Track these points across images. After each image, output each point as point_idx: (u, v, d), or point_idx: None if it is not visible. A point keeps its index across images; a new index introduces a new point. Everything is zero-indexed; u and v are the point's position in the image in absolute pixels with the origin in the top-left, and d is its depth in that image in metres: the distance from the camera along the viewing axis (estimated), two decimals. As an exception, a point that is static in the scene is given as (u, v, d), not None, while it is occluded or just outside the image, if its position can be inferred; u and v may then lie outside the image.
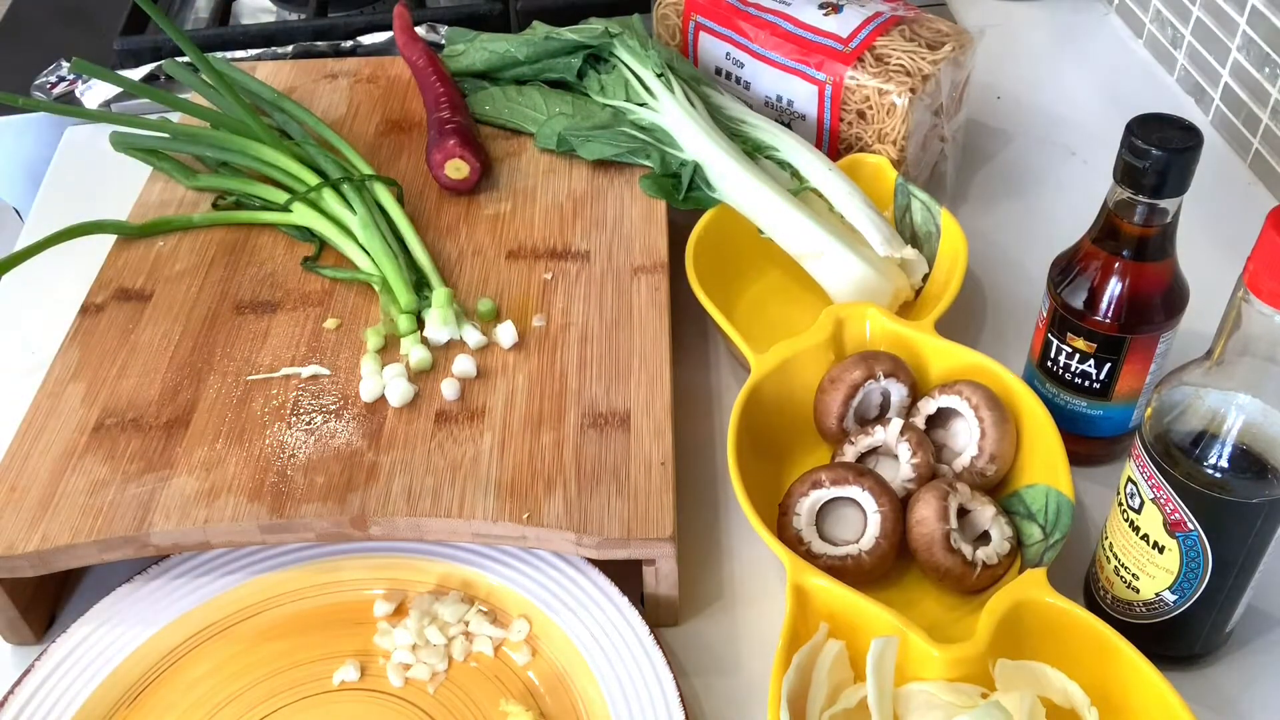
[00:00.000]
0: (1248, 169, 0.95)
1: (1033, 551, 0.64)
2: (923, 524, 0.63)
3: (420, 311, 0.73)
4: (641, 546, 0.61)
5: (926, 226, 0.81)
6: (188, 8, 1.22)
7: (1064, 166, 0.97)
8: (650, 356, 0.71)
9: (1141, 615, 0.61)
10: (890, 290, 0.77)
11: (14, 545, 0.61)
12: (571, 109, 0.86)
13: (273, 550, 0.67)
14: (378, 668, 0.63)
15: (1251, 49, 0.92)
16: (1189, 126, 0.60)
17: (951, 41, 0.86)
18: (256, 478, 0.65)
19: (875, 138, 0.86)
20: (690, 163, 0.81)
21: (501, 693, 0.62)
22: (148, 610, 0.65)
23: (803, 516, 0.65)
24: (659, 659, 0.61)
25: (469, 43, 0.92)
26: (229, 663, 0.64)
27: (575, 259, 0.78)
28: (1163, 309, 0.65)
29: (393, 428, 0.67)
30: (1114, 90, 1.05)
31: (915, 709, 0.56)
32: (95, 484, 0.64)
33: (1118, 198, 0.62)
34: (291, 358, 0.72)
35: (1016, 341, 0.79)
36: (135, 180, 0.85)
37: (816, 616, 0.60)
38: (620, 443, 0.66)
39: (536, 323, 0.74)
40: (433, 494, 0.63)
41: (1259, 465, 0.53)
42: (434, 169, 0.83)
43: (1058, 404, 0.70)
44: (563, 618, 0.63)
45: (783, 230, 0.78)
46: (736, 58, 0.91)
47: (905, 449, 0.67)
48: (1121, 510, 0.59)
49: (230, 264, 0.79)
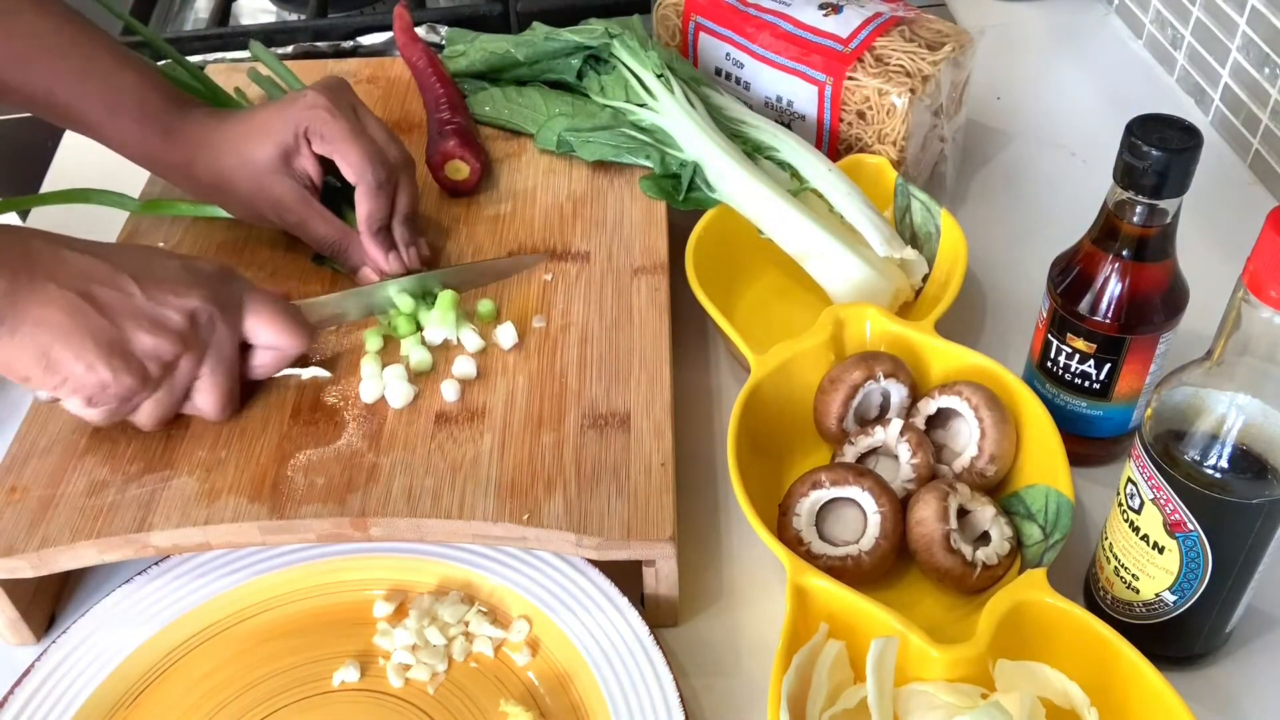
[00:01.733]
0: (1248, 169, 0.95)
1: (1032, 552, 0.64)
2: (922, 524, 0.63)
3: (417, 313, 0.73)
4: (641, 547, 0.61)
5: (926, 227, 0.81)
6: (188, 8, 1.22)
7: (1064, 167, 0.97)
8: (650, 357, 0.71)
9: (1141, 616, 0.61)
10: (890, 291, 0.77)
11: (14, 546, 0.61)
12: (571, 110, 0.86)
13: (273, 551, 0.67)
14: (378, 668, 0.63)
15: (1251, 49, 0.92)
16: (1189, 127, 0.60)
17: (951, 42, 0.86)
18: (256, 479, 0.65)
19: (875, 138, 0.86)
20: (690, 163, 0.81)
21: (501, 693, 0.62)
22: (148, 610, 0.65)
23: (803, 517, 0.65)
24: (659, 659, 0.61)
25: (469, 43, 0.92)
26: (229, 663, 0.64)
27: (575, 260, 0.78)
28: (1163, 309, 0.65)
29: (393, 429, 0.67)
30: (1114, 91, 1.05)
31: (915, 709, 0.56)
32: (95, 485, 0.64)
33: (1118, 198, 0.62)
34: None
35: (1016, 342, 0.79)
36: (136, 180, 0.85)
37: (816, 617, 0.60)
38: (620, 443, 0.66)
39: (536, 323, 0.74)
40: (433, 495, 0.63)
41: (1259, 465, 0.53)
42: (434, 170, 0.83)
43: (1058, 404, 0.70)
44: (563, 618, 0.63)
45: (783, 230, 0.78)
46: (736, 58, 0.91)
47: (905, 449, 0.67)
48: (1121, 511, 0.59)
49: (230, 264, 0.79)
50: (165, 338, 0.63)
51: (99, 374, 0.61)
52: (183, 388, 0.65)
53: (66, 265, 0.61)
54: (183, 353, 0.64)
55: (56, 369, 0.60)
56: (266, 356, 0.68)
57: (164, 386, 0.64)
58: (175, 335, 0.63)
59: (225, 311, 0.66)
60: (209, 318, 0.65)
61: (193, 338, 0.64)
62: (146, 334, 0.62)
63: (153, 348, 0.62)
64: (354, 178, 0.74)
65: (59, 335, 0.60)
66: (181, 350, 0.64)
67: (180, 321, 0.63)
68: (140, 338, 0.62)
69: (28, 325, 0.59)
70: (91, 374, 0.61)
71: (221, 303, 0.66)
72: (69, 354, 0.60)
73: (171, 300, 0.63)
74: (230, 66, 0.99)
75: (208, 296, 0.65)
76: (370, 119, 0.76)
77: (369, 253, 0.75)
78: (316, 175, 0.74)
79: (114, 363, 0.61)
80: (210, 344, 0.65)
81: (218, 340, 0.65)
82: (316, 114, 0.73)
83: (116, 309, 0.61)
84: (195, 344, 0.64)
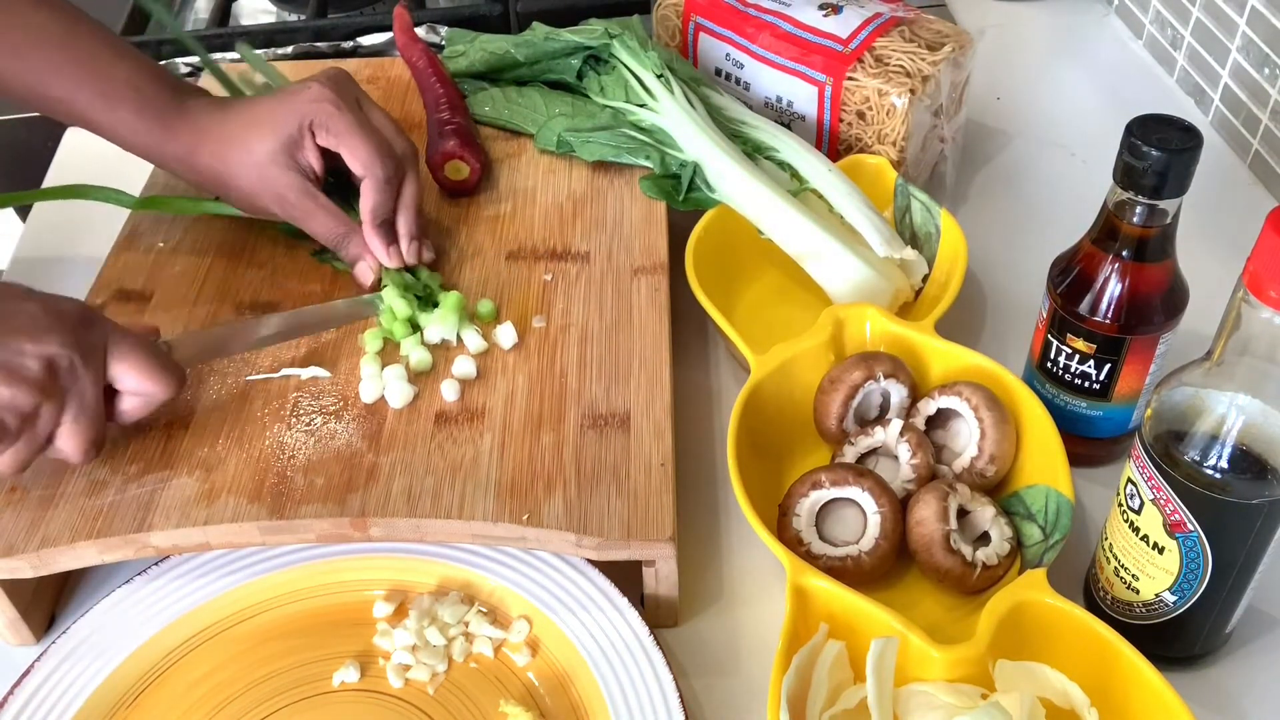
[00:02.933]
0: (1248, 170, 0.95)
1: (1032, 552, 0.64)
2: (922, 525, 0.63)
3: (416, 317, 0.73)
4: (641, 547, 0.61)
5: (926, 227, 0.81)
6: (188, 8, 1.22)
7: (1064, 167, 0.97)
8: (650, 357, 0.71)
9: (1141, 616, 0.61)
10: (890, 291, 0.77)
11: (14, 546, 0.61)
12: (571, 110, 0.86)
13: (273, 551, 0.67)
14: (378, 669, 0.63)
15: (1251, 50, 0.92)
16: (1189, 127, 0.60)
17: (951, 42, 0.86)
18: (256, 479, 0.65)
19: (875, 138, 0.86)
20: (690, 163, 0.81)
21: (501, 694, 0.62)
22: (148, 611, 0.65)
23: (803, 517, 0.65)
24: (659, 660, 0.61)
25: (469, 44, 0.92)
26: (229, 664, 0.64)
27: (575, 260, 0.78)
28: (1162, 310, 0.65)
29: (393, 429, 0.67)
30: (1114, 91, 1.05)
31: (915, 710, 0.56)
32: (95, 485, 0.64)
33: (1118, 198, 0.62)
34: (291, 359, 0.72)
35: (1016, 342, 0.79)
36: (137, 180, 0.85)
37: (816, 617, 0.60)
38: (620, 443, 0.66)
39: (536, 323, 0.74)
40: (433, 495, 0.63)
41: (1259, 466, 0.53)
42: (434, 170, 0.83)
43: (1057, 405, 0.70)
44: (563, 618, 0.63)
45: (783, 231, 0.78)
46: (736, 58, 0.91)
47: (905, 450, 0.67)
48: (1121, 511, 0.59)
49: (230, 264, 0.79)
50: (21, 387, 0.58)
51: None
52: (44, 436, 0.61)
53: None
54: (41, 402, 0.59)
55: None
56: (133, 402, 0.64)
57: (23, 438, 0.60)
58: (32, 385, 0.58)
59: (87, 357, 0.61)
60: (69, 364, 0.60)
61: (52, 386, 0.59)
62: (1, 385, 0.58)
63: (8, 399, 0.58)
64: (361, 171, 0.73)
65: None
66: (40, 400, 0.59)
67: (37, 370, 0.59)
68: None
69: None
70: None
71: (83, 348, 0.61)
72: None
73: (28, 348, 0.59)
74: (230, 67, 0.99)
75: (67, 343, 0.60)
76: (375, 111, 0.76)
77: (371, 246, 0.75)
78: (319, 168, 0.74)
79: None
80: (70, 391, 0.60)
81: (79, 388, 0.60)
82: (322, 107, 0.72)
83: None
84: (54, 393, 0.60)
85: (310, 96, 0.73)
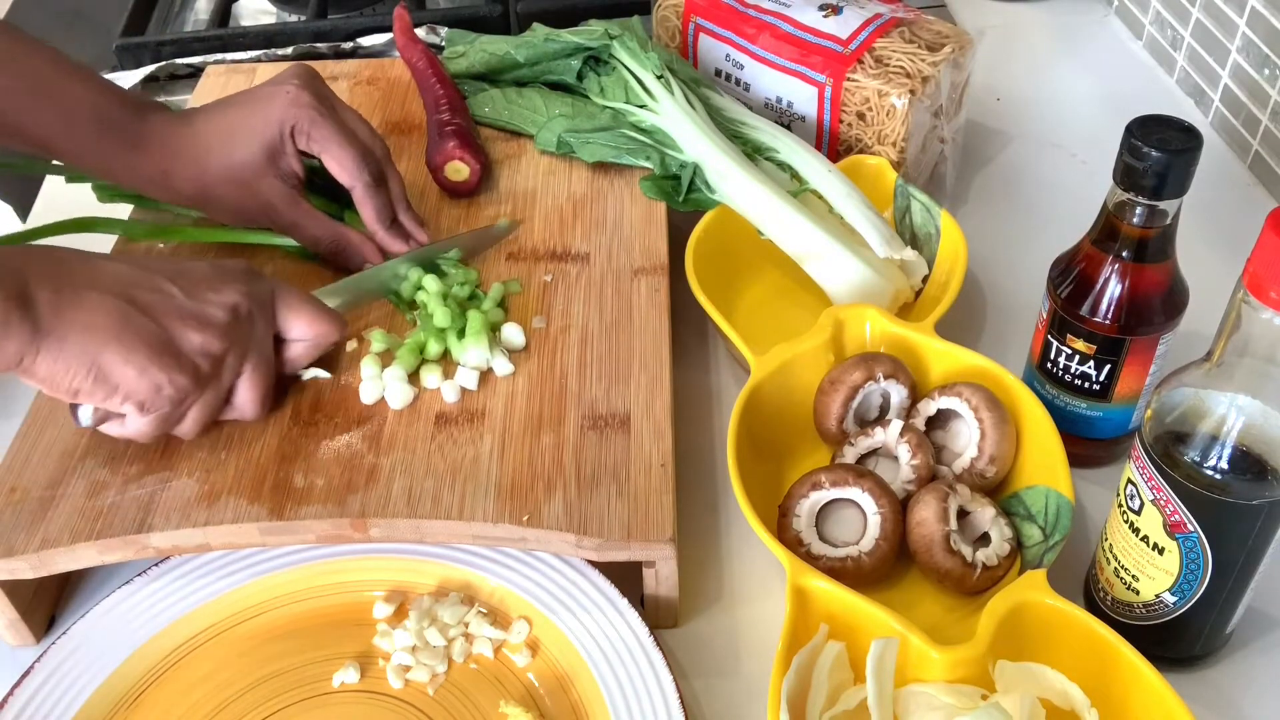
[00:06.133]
0: (1247, 170, 0.95)
1: (1032, 553, 0.64)
2: (922, 525, 0.63)
3: (448, 340, 0.71)
4: (641, 548, 0.61)
5: (926, 228, 0.81)
6: (188, 9, 1.22)
7: (1064, 168, 0.97)
8: (650, 358, 0.71)
9: (1141, 616, 0.61)
10: (890, 292, 0.77)
11: (14, 547, 0.61)
12: (571, 111, 0.86)
13: (273, 552, 0.67)
14: (378, 669, 0.63)
15: (1251, 50, 0.92)
16: (1188, 128, 0.60)
17: (951, 43, 0.86)
18: (256, 480, 0.65)
19: (875, 139, 0.86)
20: (690, 164, 0.81)
21: (501, 694, 0.62)
22: (148, 612, 0.65)
23: (803, 518, 0.65)
24: (659, 661, 0.61)
25: (469, 44, 0.92)
26: (229, 664, 0.64)
27: (575, 261, 0.78)
28: (1162, 310, 0.65)
29: (393, 430, 0.67)
30: (1114, 92, 1.05)
31: (915, 710, 0.56)
32: (95, 486, 0.64)
33: (1117, 199, 0.62)
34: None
35: (1016, 343, 0.79)
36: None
37: (816, 618, 0.60)
38: (620, 444, 0.66)
39: (536, 324, 0.74)
40: (433, 496, 0.63)
41: (1259, 467, 0.53)
42: (434, 171, 0.83)
43: (1057, 405, 0.70)
44: (563, 619, 0.63)
45: (783, 231, 0.78)
46: (736, 59, 0.91)
47: (905, 450, 0.67)
48: (1121, 512, 0.59)
49: (230, 266, 0.79)
50: (212, 333, 0.63)
51: (152, 377, 0.60)
52: (228, 386, 0.65)
53: (103, 273, 0.61)
54: (229, 348, 0.64)
55: (107, 377, 0.59)
56: (300, 348, 0.68)
57: (211, 386, 0.64)
58: (221, 330, 0.63)
59: (260, 306, 0.66)
60: (248, 312, 0.65)
61: (236, 332, 0.64)
62: (194, 331, 0.62)
63: (201, 344, 0.62)
64: (348, 180, 0.74)
65: (108, 340, 0.59)
66: (228, 345, 0.63)
67: (224, 316, 0.63)
68: (188, 335, 0.62)
69: (76, 332, 0.58)
70: (144, 378, 0.60)
71: (256, 298, 0.66)
72: (119, 359, 0.59)
73: (211, 297, 0.63)
74: (230, 68, 0.99)
75: (244, 292, 0.65)
76: (346, 110, 0.76)
77: (388, 248, 0.75)
78: (301, 172, 0.74)
79: (166, 362, 0.61)
80: (251, 338, 0.65)
81: (258, 335, 0.65)
82: (304, 112, 0.72)
83: (160, 309, 0.61)
84: (239, 339, 0.64)
85: (288, 100, 0.72)
